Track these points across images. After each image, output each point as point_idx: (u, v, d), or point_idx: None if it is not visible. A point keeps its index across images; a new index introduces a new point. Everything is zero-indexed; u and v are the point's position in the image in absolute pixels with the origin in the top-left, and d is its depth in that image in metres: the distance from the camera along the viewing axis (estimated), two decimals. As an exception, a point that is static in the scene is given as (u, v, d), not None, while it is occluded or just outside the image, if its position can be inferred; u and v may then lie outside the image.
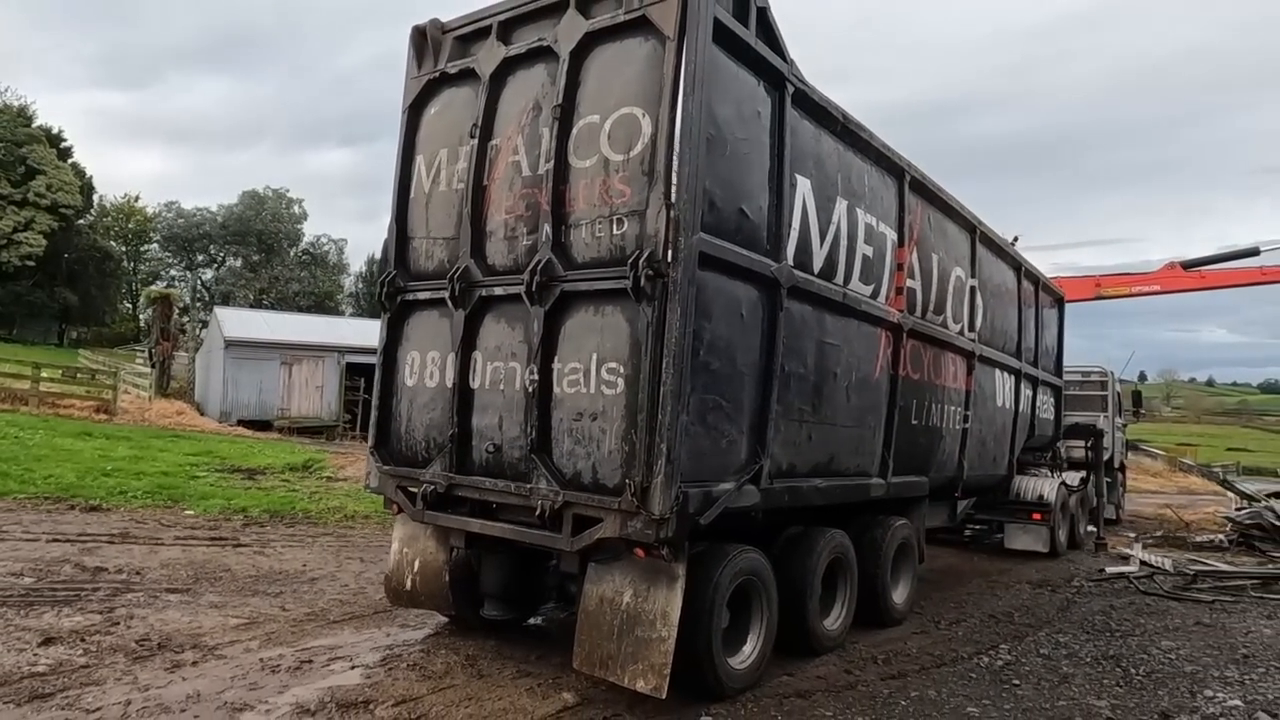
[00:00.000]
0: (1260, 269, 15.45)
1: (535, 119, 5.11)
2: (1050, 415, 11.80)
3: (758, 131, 5.08)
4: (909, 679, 5.41)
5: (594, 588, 4.76)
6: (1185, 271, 15.84)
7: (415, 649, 5.52)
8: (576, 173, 4.83)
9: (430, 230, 5.64)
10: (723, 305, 4.77)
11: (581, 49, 4.93)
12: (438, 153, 5.65)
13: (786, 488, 5.44)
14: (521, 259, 5.01)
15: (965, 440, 8.35)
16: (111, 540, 7.95)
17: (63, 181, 49.58)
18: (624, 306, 4.54)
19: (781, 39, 5.21)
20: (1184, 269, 15.85)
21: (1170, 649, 6.39)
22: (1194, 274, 15.86)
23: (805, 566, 5.75)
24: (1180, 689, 5.38)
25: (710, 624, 4.72)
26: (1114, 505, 16.24)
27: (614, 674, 4.57)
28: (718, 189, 4.70)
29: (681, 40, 4.48)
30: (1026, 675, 5.57)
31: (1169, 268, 16.07)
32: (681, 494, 4.37)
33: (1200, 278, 15.86)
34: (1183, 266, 15.86)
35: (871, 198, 6.37)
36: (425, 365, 5.56)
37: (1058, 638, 6.67)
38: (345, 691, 4.66)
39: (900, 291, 6.78)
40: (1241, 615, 7.84)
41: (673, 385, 4.31)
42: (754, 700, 4.84)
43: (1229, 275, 15.77)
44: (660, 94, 4.51)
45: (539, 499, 4.70)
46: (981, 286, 8.64)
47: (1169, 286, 15.94)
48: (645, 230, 4.45)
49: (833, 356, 5.87)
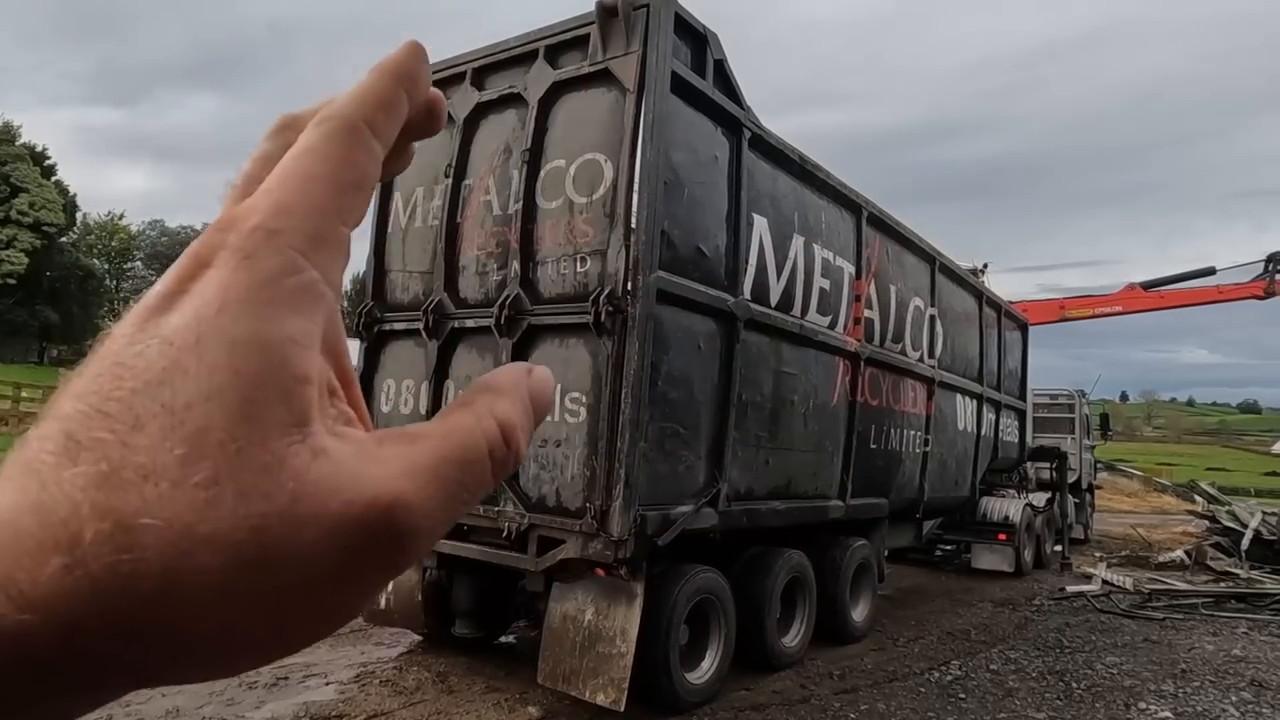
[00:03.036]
0: (1217, 288, 15.96)
1: (506, 161, 5.42)
2: (1014, 438, 12.15)
3: (715, 174, 5.40)
4: (860, 693, 5.67)
5: (558, 606, 5.01)
6: (1145, 292, 16.34)
7: (388, 666, 5.74)
8: (543, 213, 5.14)
9: (406, 264, 5.93)
10: (681, 338, 5.07)
11: (549, 97, 5.25)
12: (414, 190, 5.94)
13: (745, 510, 5.72)
14: (492, 293, 5.30)
15: (926, 463, 8.66)
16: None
17: (45, 199, 49.53)
18: (586, 340, 4.84)
19: (738, 88, 5.56)
20: (1143, 289, 16.35)
21: (1114, 664, 6.70)
22: (1153, 294, 16.35)
23: (763, 586, 6.02)
24: (1117, 702, 5.68)
25: (668, 640, 4.98)
26: (1082, 525, 16.61)
27: (576, 688, 4.81)
28: (676, 229, 5.01)
29: (640, 92, 4.81)
30: (973, 690, 5.85)
31: (1129, 289, 16.56)
32: (639, 516, 4.64)
33: (1160, 298, 16.35)
34: (1142, 287, 16.36)
35: (829, 233, 6.71)
36: (400, 393, 5.82)
37: (1009, 654, 6.96)
38: (320, 706, 4.88)
39: (858, 322, 7.11)
40: (1189, 632, 8.16)
41: (631, 414, 4.59)
42: (710, 714, 5.09)
43: (1187, 295, 16.27)
44: (621, 141, 4.83)
45: (506, 521, 4.96)
46: (941, 315, 9.00)
47: (1130, 307, 16.43)
48: (606, 269, 4.76)
49: (790, 385, 6.18)
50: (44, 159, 54.43)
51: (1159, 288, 16.28)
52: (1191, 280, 16.13)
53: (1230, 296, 15.82)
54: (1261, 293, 15.50)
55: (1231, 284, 15.86)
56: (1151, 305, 16.30)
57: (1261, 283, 15.55)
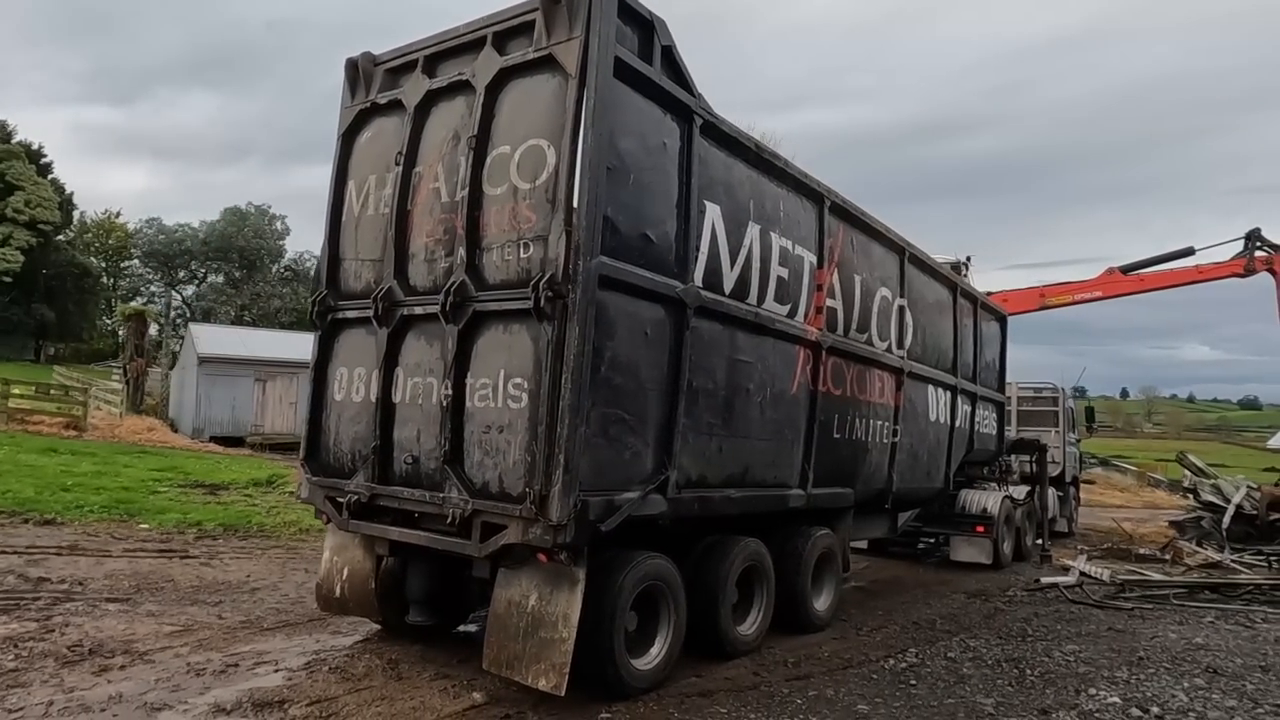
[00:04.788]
0: (1196, 268, 15.90)
1: (454, 148, 5.41)
2: (992, 430, 12.14)
3: (664, 161, 5.40)
4: (812, 680, 5.67)
5: (503, 592, 5.01)
6: (1124, 276, 16.28)
7: (341, 654, 5.74)
8: (489, 200, 5.14)
9: (359, 252, 5.93)
10: (626, 324, 5.07)
11: (496, 84, 5.25)
12: (367, 178, 5.94)
13: (696, 497, 5.71)
14: (440, 280, 5.29)
15: (895, 454, 8.65)
16: (59, 552, 8.12)
17: (41, 198, 49.59)
18: (529, 325, 4.83)
19: (688, 74, 5.55)
20: (1122, 273, 16.29)
21: (1073, 652, 6.69)
22: (1133, 277, 16.29)
23: (717, 573, 6.02)
24: (1067, 688, 5.67)
25: (612, 626, 4.97)
26: (1066, 519, 16.61)
27: (519, 674, 4.81)
28: (621, 215, 5.01)
29: (583, 77, 4.80)
30: (925, 676, 5.85)
31: (1108, 273, 16.50)
32: (580, 502, 4.64)
33: (1139, 280, 16.29)
34: (1121, 271, 16.30)
35: (788, 222, 6.70)
36: (352, 381, 5.82)
37: (969, 643, 6.96)
38: (264, 693, 4.88)
39: (820, 311, 7.10)
40: (1156, 622, 8.16)
41: (571, 400, 4.59)
42: (655, 699, 5.08)
43: (1166, 276, 16.19)
44: (563, 127, 4.83)
45: (450, 507, 4.96)
46: (912, 305, 8.98)
47: (1109, 292, 16.37)
48: (548, 254, 4.75)
49: (745, 372, 6.17)
50: (40, 157, 54.49)
51: (1138, 270, 16.22)
52: (1170, 262, 16.06)
53: (1210, 276, 15.75)
54: (1241, 270, 15.43)
55: (1211, 263, 15.80)
56: (1131, 289, 16.25)
57: (1241, 261, 15.48)
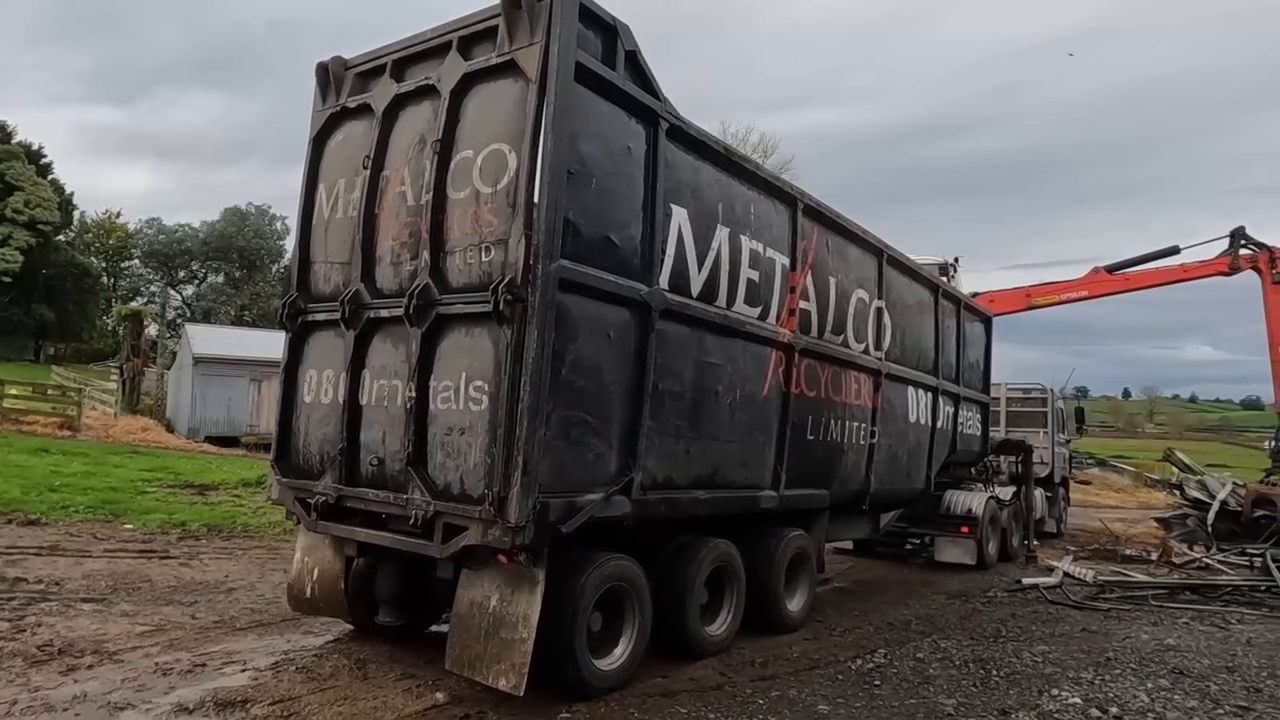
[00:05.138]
0: (1182, 266, 15.92)
1: (420, 153, 5.45)
2: (976, 431, 12.16)
3: (628, 165, 5.43)
4: (778, 680, 5.71)
5: (465, 592, 5.05)
6: (1109, 275, 16.31)
7: (310, 654, 5.79)
8: (453, 204, 5.18)
9: (328, 255, 5.97)
10: (588, 327, 5.10)
11: (461, 88, 5.29)
12: (336, 182, 5.99)
13: (663, 499, 5.75)
14: (405, 283, 5.33)
15: (873, 454, 8.67)
16: (39, 553, 8.17)
17: (41, 198, 49.72)
18: (489, 328, 4.87)
19: (653, 78, 5.58)
20: (1108, 273, 16.32)
21: (1042, 653, 6.72)
22: (1118, 277, 16.31)
23: (685, 575, 6.05)
24: (1031, 689, 5.70)
25: (573, 626, 5.01)
26: (1055, 519, 16.64)
27: (480, 674, 4.86)
28: (583, 219, 5.04)
29: (543, 83, 4.84)
30: (891, 677, 5.89)
31: (1094, 273, 16.53)
32: (540, 503, 4.68)
33: (1124, 280, 16.32)
34: (1106, 270, 16.33)
35: (758, 225, 6.73)
36: (321, 383, 5.86)
37: (941, 643, 6.99)
38: (228, 692, 4.92)
39: (793, 313, 7.14)
40: (1131, 623, 8.19)
41: (530, 402, 4.63)
42: (617, 699, 5.12)
43: (1152, 275, 16.22)
44: (524, 132, 4.87)
45: (413, 509, 5.00)
46: (890, 307, 9.01)
47: (1095, 291, 16.40)
48: (508, 258, 4.80)
49: (714, 375, 6.20)
50: (39, 157, 54.64)
51: (1123, 270, 16.24)
52: (1155, 261, 16.07)
53: (1195, 275, 15.77)
54: (1226, 269, 15.44)
55: (1196, 262, 15.81)
56: (1116, 288, 16.27)
57: (1225, 259, 15.49)
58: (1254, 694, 5.79)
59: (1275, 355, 15.08)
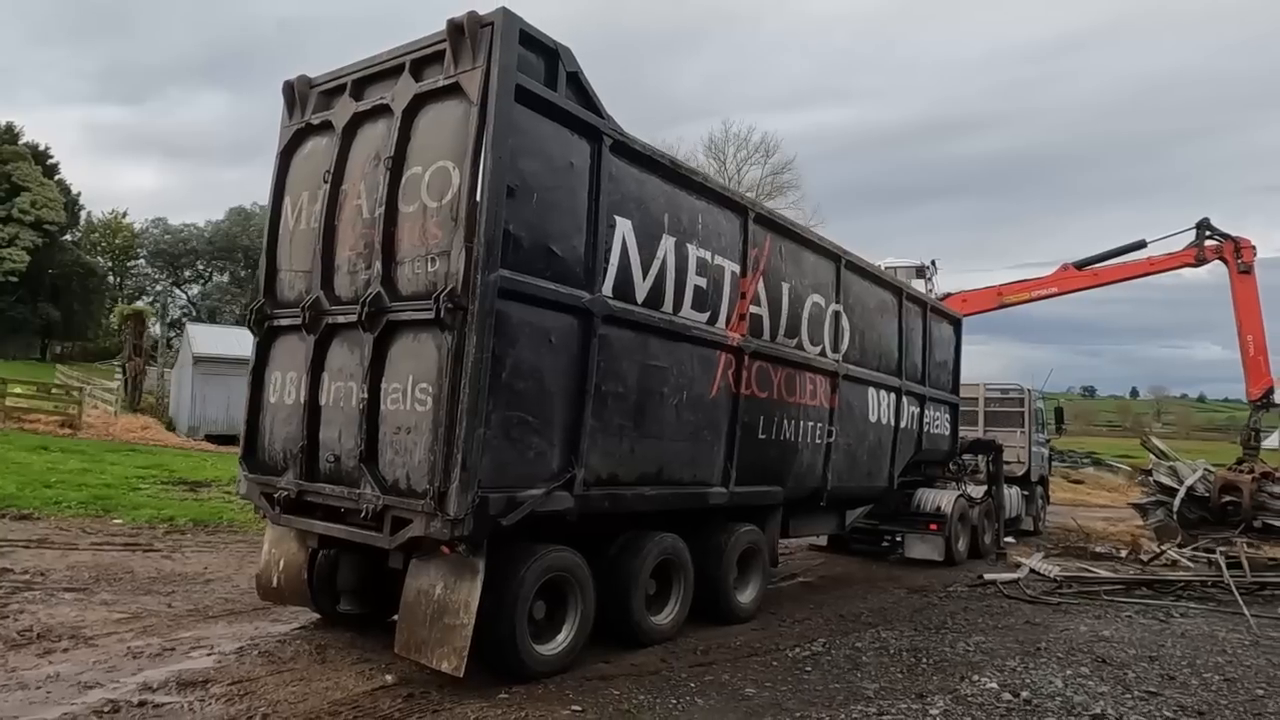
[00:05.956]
0: (1149, 260, 16.18)
1: (375, 168, 5.79)
2: (945, 430, 12.45)
3: (570, 179, 5.76)
4: (714, 666, 6.03)
5: (413, 581, 5.40)
6: (1078, 271, 16.58)
7: (274, 640, 6.14)
8: (403, 217, 5.52)
9: (293, 264, 6.32)
10: (529, 332, 5.44)
11: (412, 108, 5.63)
12: (301, 194, 6.34)
13: (606, 495, 6.08)
14: (360, 291, 5.67)
15: (830, 453, 8.99)
16: (28, 545, 8.55)
17: (47, 198, 50.31)
18: (434, 334, 5.21)
19: (595, 97, 5.91)
20: (1076, 269, 16.59)
21: (977, 643, 7.03)
22: (1087, 272, 16.57)
23: (631, 567, 6.38)
24: (954, 675, 6.01)
25: (513, 613, 5.35)
26: (1032, 518, 16.92)
27: (425, 657, 5.20)
28: (524, 231, 5.38)
29: (484, 104, 5.17)
30: (823, 664, 6.21)
31: (1063, 269, 16.80)
32: (479, 498, 5.02)
33: (1093, 275, 16.57)
34: (1075, 266, 16.60)
35: (707, 234, 7.05)
36: (285, 384, 6.21)
37: (883, 634, 7.31)
38: (191, 673, 5.27)
39: (743, 318, 7.45)
40: (1078, 616, 8.48)
41: (469, 403, 4.97)
42: (556, 682, 5.46)
43: (1120, 270, 16.48)
44: (466, 150, 5.20)
45: (365, 503, 5.35)
46: (849, 311, 9.32)
47: (1065, 287, 16.67)
48: (450, 268, 5.13)
49: (659, 377, 6.53)
50: (46, 158, 55.22)
51: (1092, 265, 16.52)
52: (1123, 255, 16.34)
53: (1162, 267, 16.03)
54: (1193, 260, 15.71)
55: (1163, 254, 16.06)
56: (1086, 284, 16.54)
57: (1192, 251, 15.75)
58: (1167, 681, 6.09)
59: (1244, 344, 15.35)
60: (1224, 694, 5.84)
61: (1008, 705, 5.34)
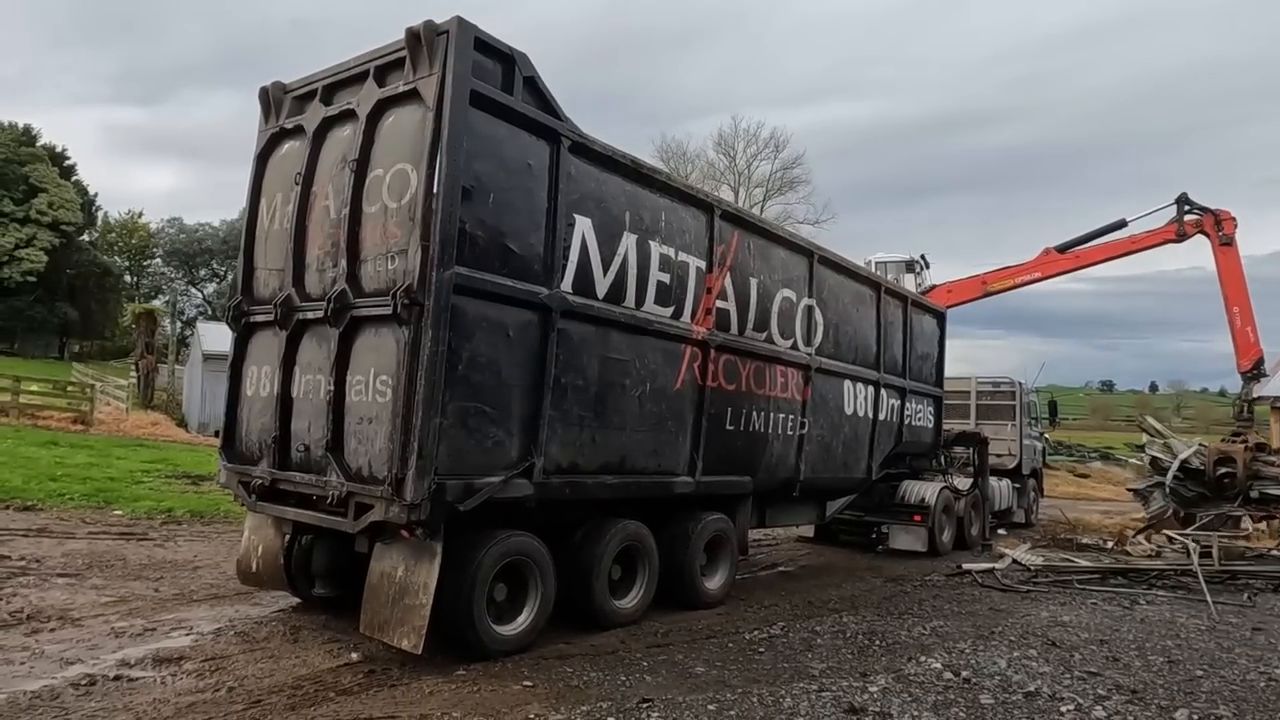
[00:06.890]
0: (1130, 238, 16.25)
1: (342, 171, 6.05)
2: (927, 423, 12.60)
3: (528, 180, 6.00)
4: (670, 648, 6.27)
5: (377, 564, 5.67)
6: (1060, 254, 16.66)
7: (251, 622, 6.43)
8: (367, 217, 5.78)
9: (268, 263, 6.60)
10: (486, 326, 5.69)
11: (375, 113, 5.89)
12: (275, 196, 6.62)
13: (567, 483, 6.32)
14: (327, 288, 5.94)
15: (803, 444, 9.19)
16: (27, 534, 8.91)
17: (64, 199, 51.16)
18: (393, 329, 5.47)
19: (553, 100, 6.15)
20: (1059, 252, 16.67)
21: (934, 628, 7.22)
22: (1069, 255, 16.66)
23: (593, 552, 6.62)
24: (902, 656, 6.22)
25: (472, 595, 5.61)
26: (1024, 510, 17.02)
27: (387, 635, 5.47)
28: (480, 230, 5.62)
29: (440, 109, 5.42)
30: (777, 646, 6.42)
31: (1045, 254, 16.88)
32: (436, 484, 5.28)
33: (1075, 258, 16.66)
34: (1057, 250, 16.69)
35: (670, 231, 7.27)
36: (260, 378, 6.50)
37: (845, 619, 7.51)
38: (167, 651, 5.58)
39: (709, 312, 7.67)
40: (1042, 603, 8.65)
41: (425, 394, 5.23)
42: (513, 661, 5.71)
43: (1101, 250, 16.56)
44: (423, 153, 5.46)
45: (331, 489, 5.63)
46: (822, 305, 9.51)
47: (1048, 272, 16.77)
48: (407, 266, 5.39)
49: (620, 369, 6.76)
50: (63, 159, 56.13)
51: (1073, 248, 16.60)
52: (1104, 236, 16.41)
53: (1143, 245, 16.09)
54: (1174, 236, 15.76)
55: (1144, 232, 16.12)
56: (1068, 267, 16.64)
57: (1173, 227, 15.80)
58: (1111, 663, 6.26)
59: (1231, 316, 15.40)
60: (1163, 674, 6.01)
61: (946, 684, 5.54)
